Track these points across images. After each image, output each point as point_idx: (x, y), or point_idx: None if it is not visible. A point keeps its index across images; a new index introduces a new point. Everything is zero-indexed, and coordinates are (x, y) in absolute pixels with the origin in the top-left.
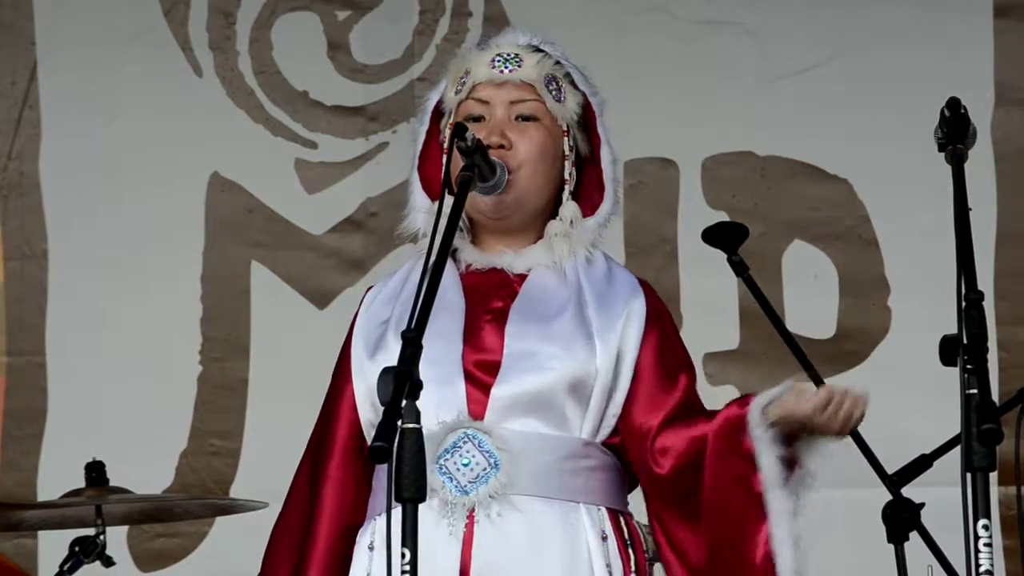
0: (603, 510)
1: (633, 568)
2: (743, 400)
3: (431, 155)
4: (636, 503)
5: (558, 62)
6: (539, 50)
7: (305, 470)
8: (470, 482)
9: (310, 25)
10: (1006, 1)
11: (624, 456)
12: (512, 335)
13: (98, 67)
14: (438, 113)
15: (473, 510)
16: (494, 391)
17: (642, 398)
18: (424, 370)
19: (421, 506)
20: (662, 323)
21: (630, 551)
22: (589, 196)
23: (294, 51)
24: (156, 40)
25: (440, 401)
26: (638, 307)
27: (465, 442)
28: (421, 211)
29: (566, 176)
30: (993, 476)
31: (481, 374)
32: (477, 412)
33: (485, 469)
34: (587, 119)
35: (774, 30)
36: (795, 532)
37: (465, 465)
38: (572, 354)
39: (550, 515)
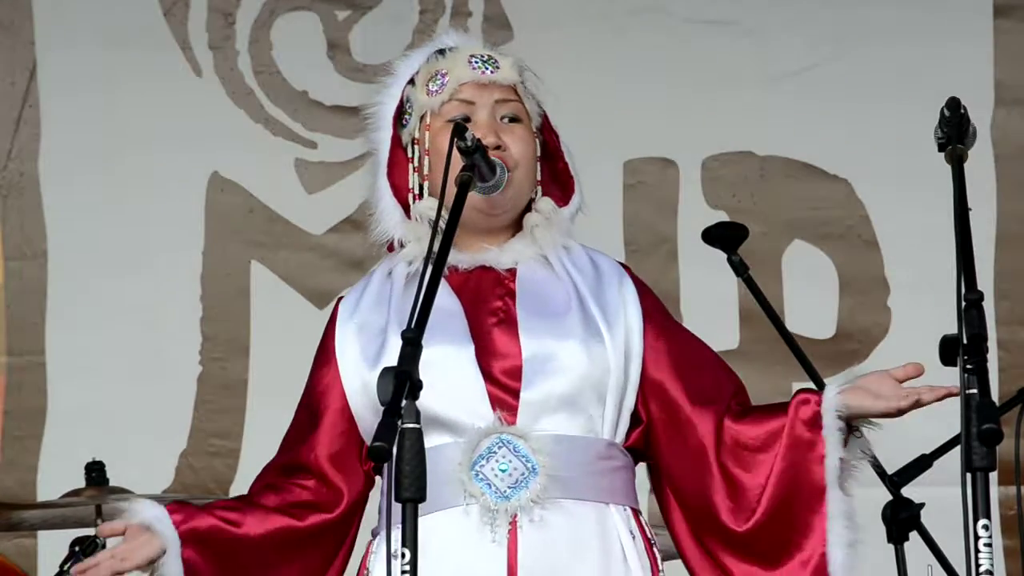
0: (628, 509)
1: (659, 566)
2: (809, 394)
3: (393, 161)
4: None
5: (520, 63)
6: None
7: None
8: (510, 487)
9: (310, 25)
10: (1006, 1)
11: (646, 449)
12: (526, 335)
13: (98, 67)
14: (397, 119)
15: (515, 516)
16: (523, 395)
17: (685, 392)
18: (442, 377)
19: (457, 513)
20: (654, 302)
21: (654, 549)
22: (549, 191)
23: (294, 51)
24: (155, 40)
25: (465, 407)
26: (631, 295)
27: (500, 447)
28: (394, 220)
29: (538, 175)
30: (993, 476)
31: (503, 378)
32: (506, 417)
33: (524, 474)
34: (542, 117)
35: (774, 30)
36: (851, 535)
37: (503, 471)
38: (589, 353)
39: (586, 517)
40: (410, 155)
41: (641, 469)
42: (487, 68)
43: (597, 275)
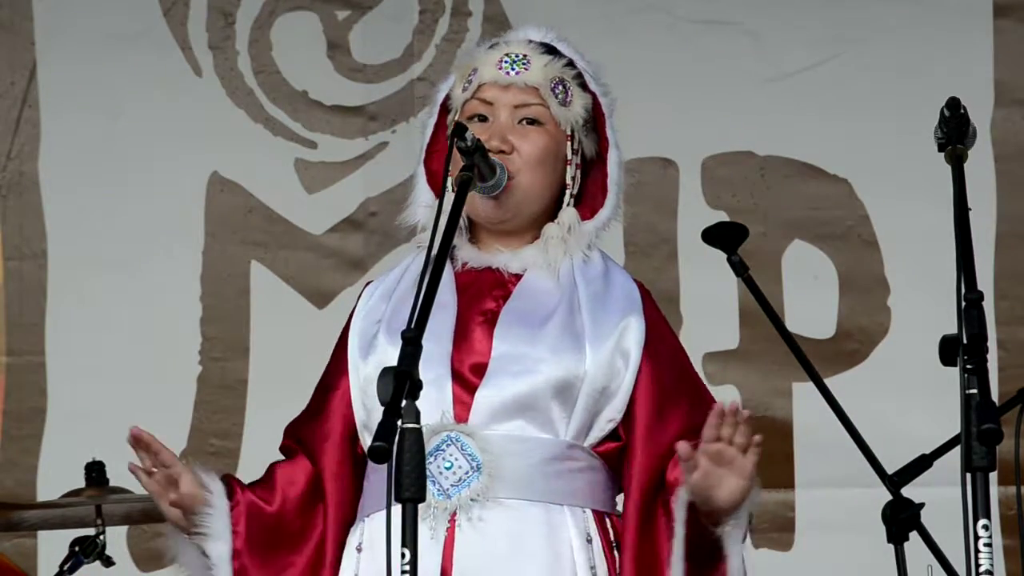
0: (588, 512)
1: (618, 570)
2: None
3: (439, 148)
4: None
5: (569, 62)
6: (550, 50)
7: (298, 454)
8: (452, 485)
9: (310, 25)
10: (1006, 1)
11: (620, 464)
12: (500, 337)
13: (98, 67)
14: (446, 107)
15: (455, 514)
16: (478, 394)
17: (648, 423)
18: None
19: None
20: (662, 335)
21: (615, 552)
22: (592, 198)
23: (294, 51)
24: (155, 40)
25: (426, 403)
26: (635, 324)
27: (448, 445)
28: (422, 205)
29: (568, 180)
30: (993, 476)
31: (469, 376)
32: (462, 414)
33: (467, 472)
34: (596, 120)
35: (774, 30)
36: None
37: (448, 468)
38: (559, 358)
39: (532, 517)
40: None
41: None
42: (513, 69)
43: (606, 289)
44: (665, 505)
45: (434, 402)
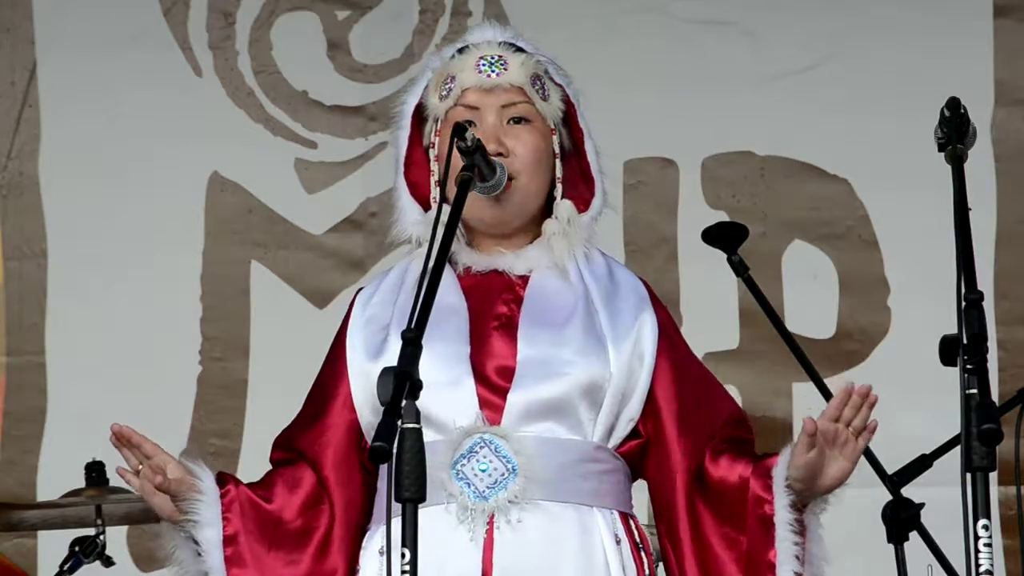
0: (615, 513)
1: (646, 570)
2: (767, 464)
3: (414, 160)
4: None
5: (537, 59)
6: (518, 49)
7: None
8: (488, 487)
9: (310, 25)
10: (1006, 1)
11: (639, 465)
12: (524, 340)
13: (98, 67)
14: (418, 117)
15: (493, 515)
16: (511, 397)
17: (676, 417)
18: (433, 375)
19: (439, 511)
20: (670, 332)
21: (641, 553)
22: (575, 189)
23: (294, 51)
24: (155, 40)
25: (452, 406)
26: (649, 312)
27: (481, 447)
28: (411, 218)
29: (557, 175)
30: (993, 476)
31: (496, 378)
32: (492, 417)
33: (503, 474)
34: (568, 112)
35: (774, 30)
36: None
37: (483, 471)
38: (586, 360)
39: (567, 519)
40: (429, 157)
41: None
42: (493, 71)
43: (613, 286)
44: (708, 497)
45: (456, 403)
